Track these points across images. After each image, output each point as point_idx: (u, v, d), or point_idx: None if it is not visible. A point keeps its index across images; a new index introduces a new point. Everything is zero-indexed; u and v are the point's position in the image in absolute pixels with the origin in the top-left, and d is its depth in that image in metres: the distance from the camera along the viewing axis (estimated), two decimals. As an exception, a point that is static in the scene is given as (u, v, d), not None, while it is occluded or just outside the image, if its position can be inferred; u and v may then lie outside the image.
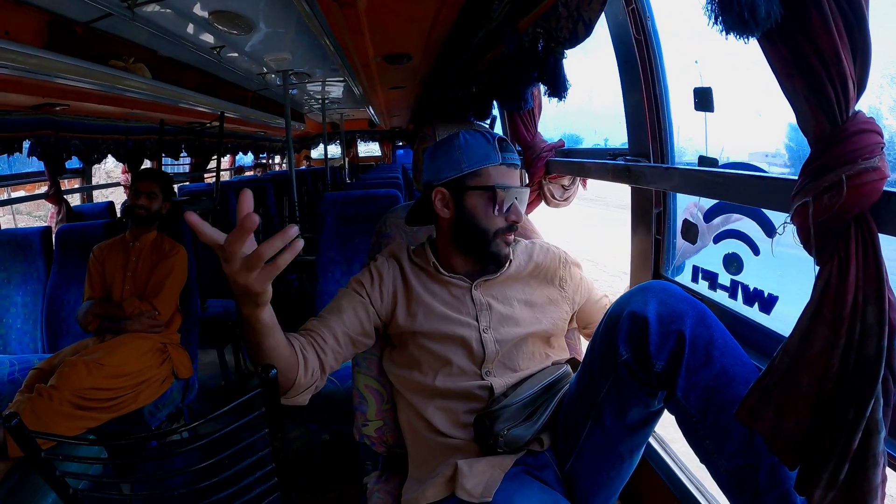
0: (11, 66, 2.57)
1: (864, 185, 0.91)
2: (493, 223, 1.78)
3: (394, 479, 1.98)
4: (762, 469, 1.23)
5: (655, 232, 2.10)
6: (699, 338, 1.32)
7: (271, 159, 14.44)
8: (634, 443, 1.56)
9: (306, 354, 1.60)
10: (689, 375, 1.32)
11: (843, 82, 0.91)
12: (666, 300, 1.39)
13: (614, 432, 1.52)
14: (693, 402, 1.33)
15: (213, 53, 4.28)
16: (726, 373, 1.30)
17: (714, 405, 1.30)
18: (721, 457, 1.31)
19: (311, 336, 1.68)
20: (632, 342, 1.39)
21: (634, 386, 1.42)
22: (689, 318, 1.34)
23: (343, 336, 1.75)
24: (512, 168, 1.79)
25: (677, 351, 1.33)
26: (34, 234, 4.24)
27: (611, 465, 1.59)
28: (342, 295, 1.86)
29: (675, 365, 1.33)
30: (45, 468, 1.36)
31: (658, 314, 1.36)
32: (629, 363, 1.40)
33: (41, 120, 4.31)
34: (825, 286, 0.97)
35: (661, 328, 1.35)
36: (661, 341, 1.34)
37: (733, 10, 0.97)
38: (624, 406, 1.47)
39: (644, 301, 1.40)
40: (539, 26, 2.11)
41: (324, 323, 1.74)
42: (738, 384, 1.27)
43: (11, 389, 3.30)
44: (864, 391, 0.93)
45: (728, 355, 1.31)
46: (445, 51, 4.18)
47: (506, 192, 1.75)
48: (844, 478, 0.97)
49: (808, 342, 1.01)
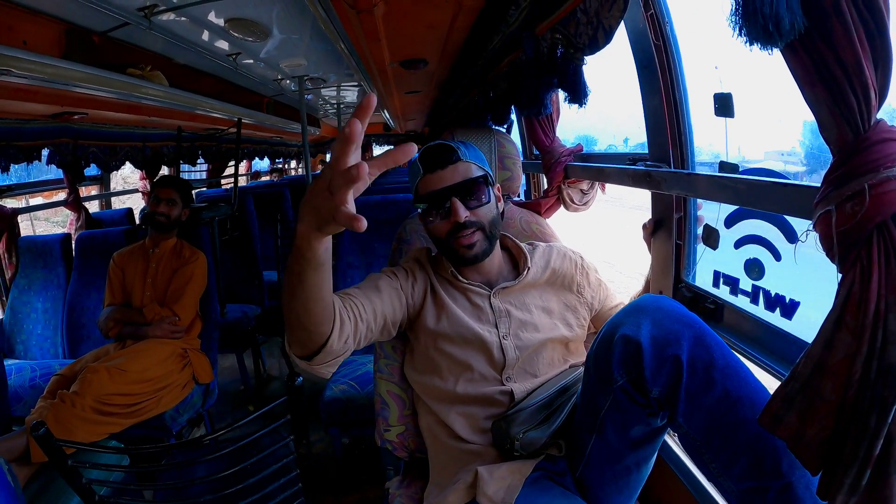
0: (30, 76, 2.59)
1: (887, 193, 0.91)
2: (438, 230, 1.83)
3: (415, 483, 1.99)
4: (771, 491, 1.21)
5: (676, 237, 2.09)
6: (698, 360, 1.29)
7: (287, 164, 14.45)
8: (640, 456, 1.54)
9: (343, 317, 1.53)
10: (690, 399, 1.29)
11: (864, 91, 0.92)
12: (661, 320, 1.35)
13: (619, 447, 1.50)
14: (696, 426, 1.31)
15: (229, 60, 4.30)
16: (729, 395, 1.26)
17: (718, 429, 1.28)
18: (728, 479, 1.29)
19: (353, 301, 1.64)
20: (626, 367, 1.37)
21: (634, 408, 1.40)
22: (686, 339, 1.31)
23: (380, 315, 1.73)
24: (437, 173, 1.80)
25: (675, 376, 1.30)
26: (54, 241, 4.28)
27: (619, 477, 1.57)
28: (377, 278, 1.84)
29: (673, 390, 1.31)
30: (72, 475, 1.38)
31: (652, 337, 1.33)
32: (625, 388, 1.38)
33: (60, 128, 4.34)
34: (848, 294, 0.98)
35: (657, 352, 1.32)
36: (657, 367, 1.32)
37: (758, 21, 0.97)
38: (626, 424, 1.46)
39: (637, 323, 1.37)
40: (558, 32, 2.10)
41: (365, 295, 1.72)
42: (742, 406, 1.25)
43: (33, 394, 3.34)
44: (887, 398, 0.93)
45: (730, 376, 1.28)
46: (462, 56, 4.18)
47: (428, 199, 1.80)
48: (867, 483, 0.97)
49: (831, 349, 1.01)
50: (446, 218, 1.79)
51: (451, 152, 1.80)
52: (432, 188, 1.79)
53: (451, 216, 1.77)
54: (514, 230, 2.29)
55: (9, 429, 2.83)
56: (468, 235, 1.79)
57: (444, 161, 1.79)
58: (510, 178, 2.32)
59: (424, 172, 1.81)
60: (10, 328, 4.27)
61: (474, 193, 1.79)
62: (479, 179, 1.81)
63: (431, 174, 1.80)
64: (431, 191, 1.79)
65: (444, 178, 1.78)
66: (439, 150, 1.81)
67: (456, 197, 1.76)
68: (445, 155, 1.80)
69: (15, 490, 1.50)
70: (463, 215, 1.76)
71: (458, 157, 1.80)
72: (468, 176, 1.80)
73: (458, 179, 1.78)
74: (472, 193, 1.79)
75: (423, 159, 1.82)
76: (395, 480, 2.05)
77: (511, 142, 2.35)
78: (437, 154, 1.81)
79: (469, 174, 1.80)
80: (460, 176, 1.79)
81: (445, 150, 1.81)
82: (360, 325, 1.63)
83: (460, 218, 1.76)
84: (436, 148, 1.82)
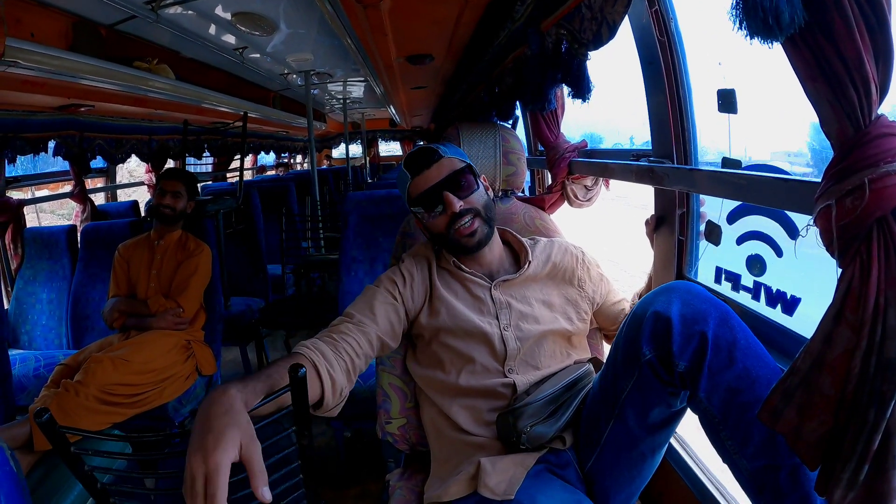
0: (37, 68, 2.61)
1: (887, 188, 0.92)
2: (437, 225, 1.88)
3: (416, 476, 2.00)
4: (783, 470, 1.23)
5: (679, 233, 2.10)
6: (722, 339, 1.32)
7: (293, 159, 14.46)
8: (656, 442, 1.56)
9: (334, 375, 1.54)
10: (712, 376, 1.31)
11: (865, 86, 0.92)
12: (690, 301, 1.39)
13: (636, 431, 1.52)
14: (715, 402, 1.33)
15: (236, 54, 4.32)
16: (749, 374, 1.29)
17: (736, 406, 1.30)
18: (743, 457, 1.31)
19: (346, 342, 1.66)
20: (655, 342, 1.40)
21: (657, 386, 1.42)
22: (713, 318, 1.34)
23: (376, 340, 1.76)
24: (423, 174, 1.86)
25: (700, 352, 1.32)
26: (60, 233, 4.31)
27: (632, 464, 1.59)
28: (373, 295, 1.86)
29: (697, 365, 1.33)
30: (75, 463, 1.38)
31: (682, 315, 1.36)
32: (652, 363, 1.40)
33: (66, 120, 4.35)
34: (847, 288, 0.98)
35: (685, 329, 1.35)
36: (684, 342, 1.34)
37: (758, 15, 0.97)
38: (646, 405, 1.47)
39: (668, 301, 1.40)
40: (562, 27, 2.11)
41: (359, 328, 1.73)
42: (760, 385, 1.27)
43: (37, 384, 3.36)
44: (885, 393, 0.93)
45: (751, 356, 1.31)
46: (468, 51, 4.18)
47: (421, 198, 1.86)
48: (864, 478, 0.97)
49: (830, 344, 1.01)
50: (443, 212, 1.83)
51: (433, 152, 1.87)
52: (423, 188, 1.84)
53: (446, 209, 1.81)
54: (517, 225, 2.30)
55: (12, 418, 2.84)
56: (467, 224, 1.83)
57: (428, 161, 1.86)
58: (514, 174, 2.33)
59: (412, 176, 1.87)
60: (14, 318, 4.30)
61: (462, 183, 1.84)
62: (464, 170, 1.86)
63: (419, 176, 1.86)
64: (423, 190, 1.84)
65: (431, 176, 1.84)
66: (421, 153, 1.88)
67: (447, 190, 1.81)
68: (428, 156, 1.87)
69: (18, 477, 1.51)
70: (457, 205, 1.80)
71: (440, 155, 1.86)
72: (453, 168, 1.85)
73: (445, 174, 1.84)
74: (461, 183, 1.84)
75: (408, 165, 1.89)
76: (395, 473, 2.06)
77: (515, 137, 2.35)
78: (420, 157, 1.87)
79: (453, 167, 1.86)
80: (446, 170, 1.84)
81: (427, 152, 1.88)
82: (357, 363, 1.66)
83: (455, 208, 1.80)
84: (418, 152, 1.89)
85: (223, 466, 1.04)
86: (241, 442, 1.09)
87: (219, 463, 1.04)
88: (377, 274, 3.29)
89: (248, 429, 1.13)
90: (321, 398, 1.51)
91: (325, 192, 8.88)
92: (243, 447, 1.09)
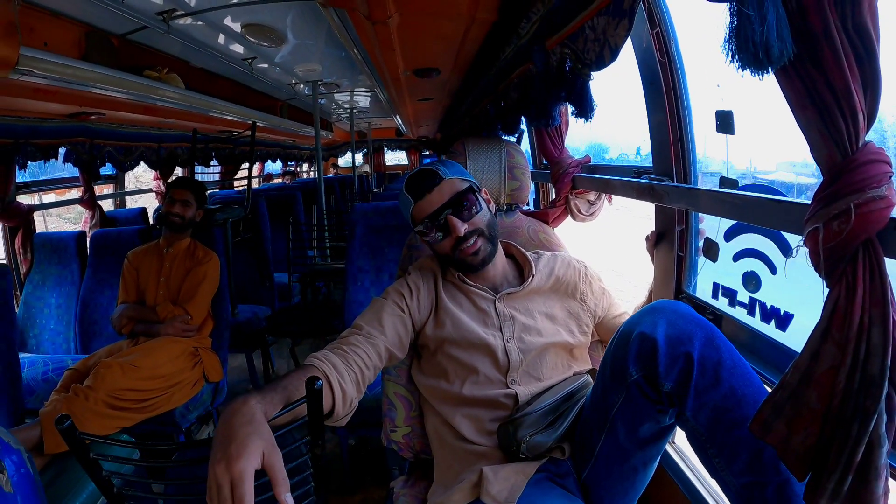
0: (50, 76, 2.65)
1: (872, 212, 0.95)
2: (443, 248, 1.89)
3: (419, 483, 2.03)
4: (769, 486, 1.27)
5: (678, 249, 2.13)
6: (708, 359, 1.34)
7: (299, 167, 14.48)
8: (647, 456, 1.59)
9: (345, 386, 1.57)
10: (699, 396, 1.34)
11: (853, 115, 0.95)
12: (675, 321, 1.41)
13: (627, 446, 1.55)
14: (702, 421, 1.36)
15: (245, 64, 4.35)
16: (734, 393, 1.32)
17: (723, 425, 1.33)
18: (730, 474, 1.34)
19: (356, 353, 1.69)
20: (641, 363, 1.42)
21: (645, 404, 1.45)
22: (698, 339, 1.37)
23: (385, 351, 1.79)
24: (426, 198, 1.86)
25: (686, 372, 1.35)
26: (69, 238, 4.35)
27: (625, 477, 1.62)
28: (381, 307, 1.89)
29: (684, 386, 1.35)
30: (93, 467, 1.42)
31: (667, 336, 1.39)
32: (639, 383, 1.43)
33: (77, 128, 4.40)
34: (834, 307, 1.02)
35: (670, 349, 1.37)
36: (670, 363, 1.37)
37: (748, 49, 1.00)
38: (636, 421, 1.50)
39: (654, 322, 1.42)
40: (566, 47, 2.13)
41: (368, 339, 1.76)
42: (746, 404, 1.30)
43: (45, 387, 3.39)
44: (868, 407, 0.97)
45: (737, 376, 1.34)
46: (474, 66, 4.21)
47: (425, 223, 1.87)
48: (848, 489, 1.01)
49: (817, 360, 1.05)
50: (447, 235, 1.85)
51: (434, 175, 1.86)
52: (426, 212, 1.85)
53: (451, 232, 1.83)
54: (521, 238, 2.33)
55: (21, 420, 2.87)
56: (471, 245, 1.84)
57: (430, 184, 1.85)
58: (519, 188, 2.35)
59: (414, 200, 1.88)
60: (23, 322, 4.33)
61: (465, 205, 1.85)
62: (467, 191, 1.87)
63: (422, 200, 1.86)
64: (427, 215, 1.85)
65: (434, 200, 1.84)
66: (422, 176, 1.88)
67: (450, 213, 1.82)
68: (429, 178, 1.86)
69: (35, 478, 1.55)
70: (462, 228, 1.82)
71: (441, 178, 1.86)
72: (455, 191, 1.86)
73: (447, 197, 1.84)
74: (464, 206, 1.85)
75: (410, 188, 1.89)
76: (399, 480, 2.09)
77: (520, 152, 2.38)
78: (422, 180, 1.87)
79: (455, 189, 1.86)
80: (448, 193, 1.85)
81: (428, 175, 1.87)
82: (366, 374, 1.69)
83: (460, 232, 1.81)
84: (418, 175, 1.89)
85: (247, 474, 1.08)
86: (264, 451, 1.13)
87: (243, 470, 1.08)
88: (383, 283, 3.32)
89: (270, 438, 1.17)
90: (332, 409, 1.54)
91: (331, 201, 8.90)
92: (266, 456, 1.13)
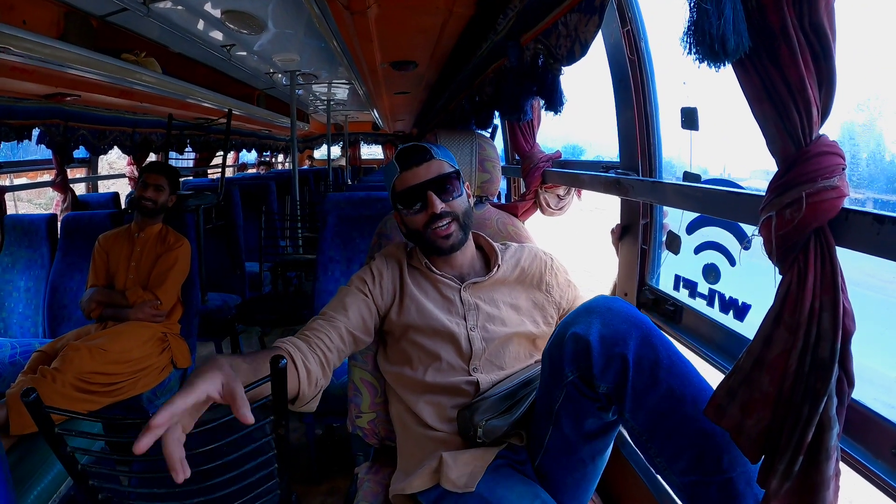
0: (27, 55, 2.64)
1: (823, 202, 0.99)
2: (416, 222, 1.91)
3: (384, 470, 2.05)
4: (713, 486, 1.28)
5: (642, 242, 2.17)
6: (644, 359, 1.35)
7: (275, 158, 14.42)
8: (595, 449, 1.61)
9: (309, 366, 1.59)
10: (636, 397, 1.35)
11: (807, 109, 0.98)
12: (610, 321, 1.41)
13: (573, 439, 1.57)
14: (641, 422, 1.37)
15: (223, 51, 4.35)
16: (673, 393, 1.32)
17: (662, 426, 1.34)
18: (673, 473, 1.35)
19: (318, 337, 1.71)
20: (576, 364, 1.43)
21: (585, 402, 1.47)
22: (633, 339, 1.37)
23: (347, 335, 1.80)
24: (412, 170, 1.89)
25: (622, 373, 1.36)
26: (40, 221, 4.30)
27: (574, 468, 1.64)
28: (346, 293, 1.91)
29: (620, 387, 1.36)
30: (57, 443, 1.42)
31: (601, 336, 1.39)
32: (576, 383, 1.45)
33: (52, 109, 4.36)
34: (786, 293, 1.05)
35: (605, 350, 1.38)
36: (605, 364, 1.37)
37: (705, 41, 1.03)
38: (579, 417, 1.52)
39: (588, 323, 1.42)
40: (540, 42, 2.16)
41: (330, 322, 1.78)
42: (685, 404, 1.31)
43: (12, 371, 3.36)
44: (819, 390, 1.00)
45: (675, 375, 1.34)
46: (451, 60, 4.23)
47: (405, 193, 1.89)
48: (799, 469, 1.04)
49: (770, 344, 1.08)
50: (422, 210, 1.87)
51: (426, 151, 1.90)
52: (409, 183, 1.88)
53: (427, 208, 1.85)
54: (490, 230, 2.35)
55: (-13, 403, 2.86)
56: (444, 227, 1.86)
57: (420, 159, 1.88)
58: (489, 181, 2.37)
59: (401, 170, 1.90)
60: (-9, 305, 4.29)
61: (448, 187, 1.88)
62: (452, 175, 1.90)
63: (408, 171, 1.89)
64: (409, 186, 1.88)
65: (420, 174, 1.87)
66: (414, 149, 1.91)
67: (431, 190, 1.85)
68: (420, 154, 1.90)
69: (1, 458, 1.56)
70: (439, 206, 1.84)
71: (432, 156, 1.89)
72: (441, 171, 1.89)
73: (433, 175, 1.87)
74: (446, 187, 1.88)
75: (400, 158, 1.92)
76: (364, 466, 2.11)
77: (492, 145, 2.40)
78: (413, 153, 1.90)
79: (442, 170, 1.89)
80: (434, 172, 1.88)
81: (420, 150, 1.90)
82: (330, 357, 1.70)
83: (437, 209, 1.84)
84: (411, 148, 1.92)
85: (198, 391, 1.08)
86: (223, 380, 1.12)
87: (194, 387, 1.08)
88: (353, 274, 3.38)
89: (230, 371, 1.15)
90: (298, 391, 1.55)
91: (305, 192, 8.89)
92: (224, 384, 1.12)
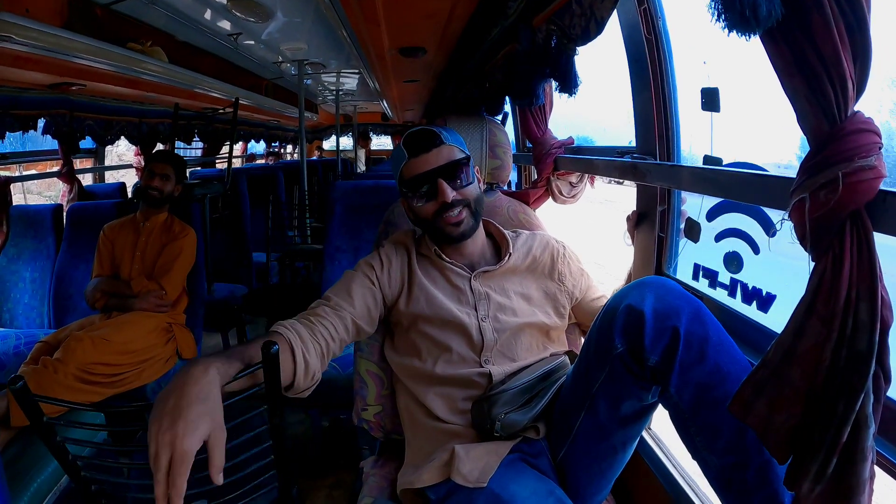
0: (31, 44, 2.60)
1: (860, 182, 0.93)
2: (425, 211, 1.85)
3: (390, 464, 2.01)
4: (751, 468, 1.25)
5: (659, 230, 2.11)
6: (694, 335, 1.33)
7: (283, 148, 14.41)
8: (627, 435, 1.57)
9: (308, 357, 1.56)
10: (683, 372, 1.32)
11: (842, 83, 0.93)
12: (663, 296, 1.39)
13: (607, 424, 1.53)
14: (685, 398, 1.34)
15: (230, 40, 4.31)
16: (719, 370, 1.30)
17: (706, 402, 1.31)
18: (711, 453, 1.32)
19: (323, 325, 1.68)
20: (627, 335, 1.40)
21: (628, 379, 1.43)
22: (685, 314, 1.35)
23: (352, 325, 1.77)
24: (421, 157, 1.82)
25: (672, 347, 1.33)
26: (46, 211, 4.28)
27: (602, 457, 1.60)
28: (351, 278, 1.86)
29: (669, 360, 1.34)
30: (47, 434, 1.38)
31: (654, 309, 1.37)
32: (624, 356, 1.41)
33: (57, 99, 4.33)
34: (819, 281, 0.99)
35: (657, 323, 1.35)
36: (656, 336, 1.35)
37: (735, 8, 0.98)
38: (618, 398, 1.48)
39: (641, 296, 1.40)
40: (553, 23, 2.11)
41: (335, 310, 1.74)
42: (730, 382, 1.27)
43: (17, 362, 3.33)
44: (855, 385, 0.94)
45: (722, 353, 1.32)
46: (460, 46, 4.20)
47: (414, 181, 1.83)
48: (833, 471, 0.98)
49: (801, 336, 1.02)
50: (433, 199, 1.81)
51: (435, 136, 1.83)
52: (418, 171, 1.81)
53: (437, 197, 1.79)
54: (501, 218, 2.30)
55: (-10, 394, 2.83)
56: (455, 214, 1.81)
57: (429, 144, 1.82)
58: (500, 167, 2.33)
59: (409, 157, 1.83)
60: (-4, 296, 4.26)
61: (459, 174, 1.82)
62: (463, 161, 1.84)
63: (416, 158, 1.82)
64: (418, 173, 1.81)
65: (430, 160, 1.81)
66: (423, 134, 1.84)
67: (442, 178, 1.79)
68: (429, 139, 1.83)
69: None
70: (450, 195, 1.78)
71: (441, 141, 1.83)
72: (452, 158, 1.82)
73: (443, 161, 1.81)
74: (457, 174, 1.82)
75: (408, 144, 1.85)
76: (369, 460, 2.07)
77: (503, 131, 2.36)
78: (421, 138, 1.83)
79: (452, 156, 1.83)
80: (444, 158, 1.81)
81: (429, 135, 1.84)
82: (331, 345, 1.68)
83: (448, 198, 1.78)
84: (419, 133, 1.85)
85: (189, 455, 1.11)
86: (210, 431, 1.15)
87: (186, 451, 1.10)
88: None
89: (220, 419, 1.20)
90: (293, 380, 1.52)
91: (313, 182, 8.87)
92: (211, 436, 1.15)
